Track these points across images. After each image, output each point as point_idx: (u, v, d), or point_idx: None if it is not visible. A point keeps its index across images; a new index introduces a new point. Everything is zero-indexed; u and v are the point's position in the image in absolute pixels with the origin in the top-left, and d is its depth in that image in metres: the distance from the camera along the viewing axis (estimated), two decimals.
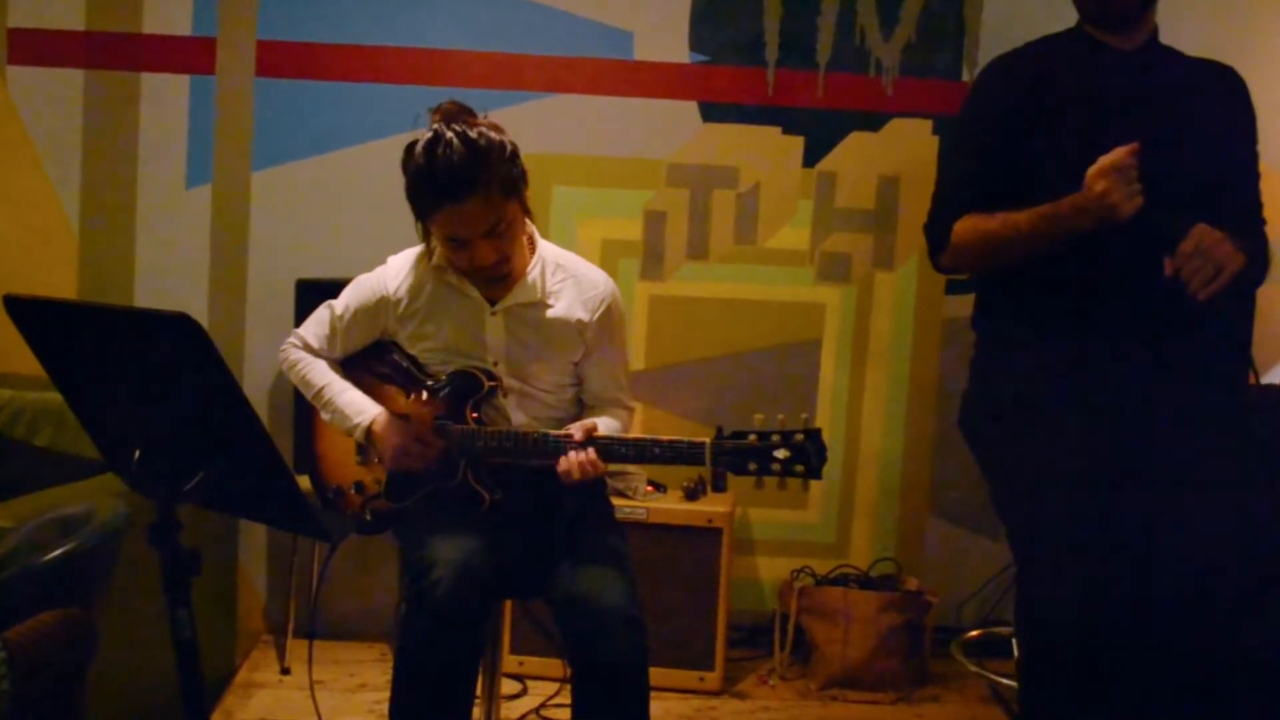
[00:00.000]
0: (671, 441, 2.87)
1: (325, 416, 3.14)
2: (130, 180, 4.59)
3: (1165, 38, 3.14)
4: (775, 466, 2.79)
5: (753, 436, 2.81)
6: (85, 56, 4.54)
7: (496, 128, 2.91)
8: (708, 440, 2.83)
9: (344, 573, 4.66)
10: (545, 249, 3.12)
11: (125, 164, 4.59)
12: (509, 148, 2.89)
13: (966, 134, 3.22)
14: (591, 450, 2.88)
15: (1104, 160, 2.76)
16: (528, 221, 3.10)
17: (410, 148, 2.86)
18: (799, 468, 2.78)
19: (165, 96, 4.57)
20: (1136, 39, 3.07)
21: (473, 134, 2.82)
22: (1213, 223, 2.79)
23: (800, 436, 2.78)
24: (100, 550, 2.67)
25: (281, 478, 2.17)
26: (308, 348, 3.18)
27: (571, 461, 2.87)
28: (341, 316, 3.14)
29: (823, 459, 2.78)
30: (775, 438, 2.79)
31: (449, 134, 2.81)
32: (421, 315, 3.08)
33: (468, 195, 2.80)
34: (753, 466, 2.80)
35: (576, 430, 2.90)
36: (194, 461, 2.13)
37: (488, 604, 2.94)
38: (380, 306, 3.10)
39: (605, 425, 3.03)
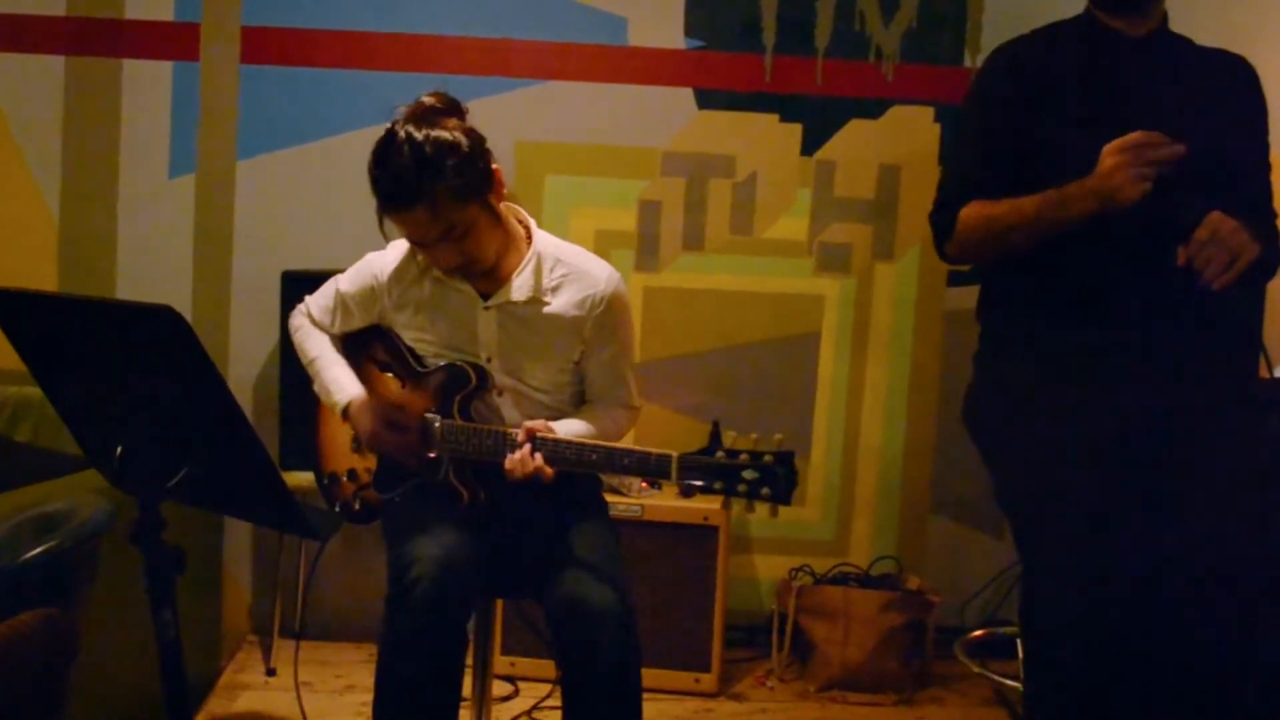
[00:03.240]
0: (640, 453, 2.84)
1: (315, 388, 3.18)
2: (112, 169, 4.59)
3: (1176, 25, 3.14)
4: (741, 488, 2.73)
5: (720, 454, 2.75)
6: (66, 42, 4.53)
7: (461, 127, 2.87)
8: (674, 454, 2.79)
9: (331, 572, 4.65)
10: (543, 243, 3.10)
11: (107, 153, 4.58)
12: (464, 151, 2.83)
13: (973, 120, 3.22)
14: (539, 456, 2.85)
15: (1123, 138, 2.76)
16: (524, 214, 3.10)
17: (375, 144, 2.87)
18: (765, 490, 2.72)
19: (148, 84, 4.56)
20: (1146, 25, 3.07)
21: (420, 137, 2.79)
22: (1224, 212, 2.79)
23: (770, 459, 2.72)
24: (81, 549, 2.67)
25: (267, 474, 2.17)
26: (311, 319, 3.23)
27: (514, 459, 2.87)
28: (342, 296, 3.16)
29: (792, 484, 2.72)
30: (744, 457, 2.73)
31: (401, 136, 2.80)
32: (414, 306, 3.08)
33: (413, 204, 2.80)
34: (718, 485, 2.74)
35: (521, 431, 2.89)
36: (177, 458, 2.13)
37: (471, 602, 2.93)
38: (376, 291, 3.11)
39: (572, 427, 3.01)
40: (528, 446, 2.86)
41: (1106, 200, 2.78)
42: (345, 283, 3.16)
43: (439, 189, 2.79)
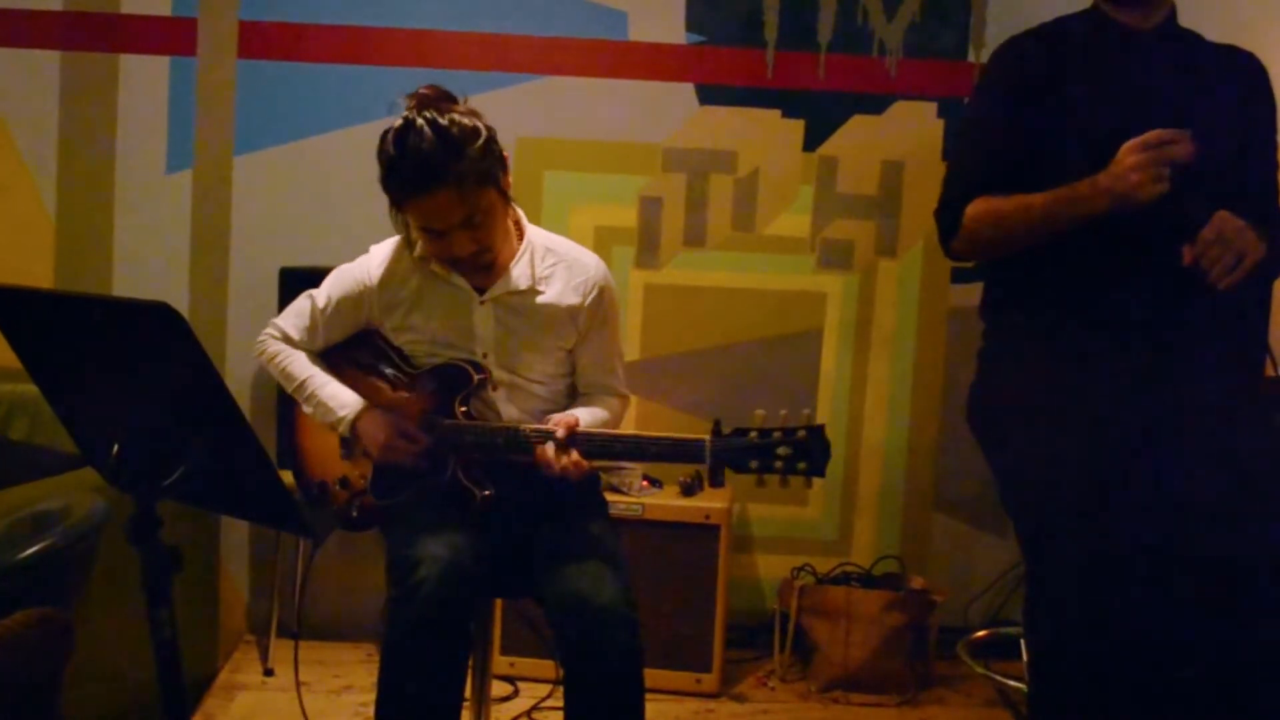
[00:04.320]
0: (672, 439, 2.87)
1: (307, 410, 3.13)
2: (108, 165, 4.59)
3: (1184, 20, 3.14)
4: (778, 464, 2.77)
5: (754, 434, 2.79)
6: (62, 38, 4.54)
7: (473, 114, 2.89)
8: (707, 438, 2.82)
9: (329, 570, 4.66)
10: (533, 234, 3.12)
11: (103, 149, 4.58)
12: (483, 134, 2.86)
13: (978, 116, 3.22)
14: (574, 453, 2.87)
15: (1143, 136, 2.76)
16: (514, 207, 3.09)
17: (384, 136, 2.86)
18: (802, 465, 2.77)
19: (144, 79, 4.57)
20: (1154, 19, 3.06)
21: (444, 121, 2.81)
22: (1231, 210, 2.79)
23: (803, 433, 2.76)
24: (77, 548, 2.67)
25: (265, 473, 2.17)
26: (287, 339, 3.17)
27: (551, 458, 2.87)
28: (324, 309, 3.13)
29: (826, 456, 2.77)
30: (777, 434, 2.78)
31: (420, 122, 2.81)
32: (406, 306, 3.08)
33: (438, 186, 2.80)
34: (754, 464, 2.78)
35: (560, 428, 2.89)
36: (174, 456, 2.12)
37: (475, 603, 2.94)
38: (363, 297, 3.10)
39: (589, 417, 3.03)
40: (551, 444, 2.87)
41: (1123, 199, 2.79)
42: (323, 296, 3.14)
43: (466, 170, 2.80)
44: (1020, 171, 3.00)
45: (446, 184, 2.80)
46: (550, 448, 2.87)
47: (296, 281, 3.69)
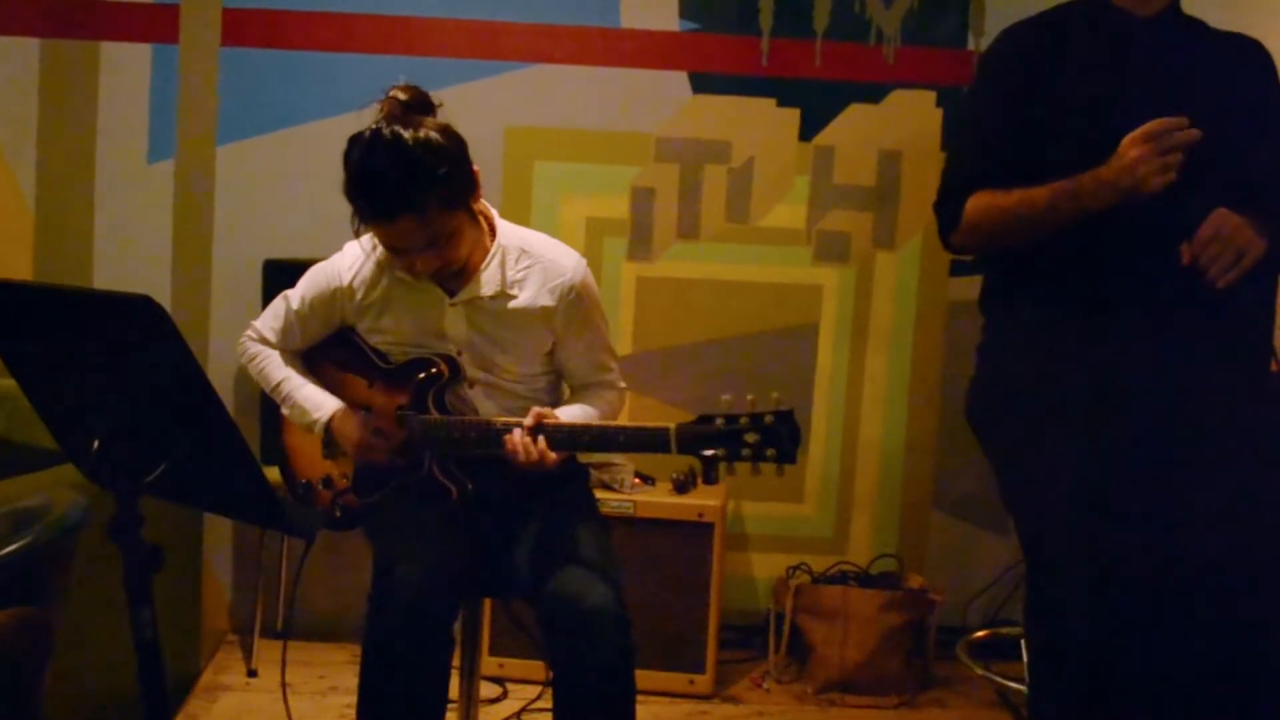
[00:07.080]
0: (636, 428, 2.86)
1: (285, 411, 3.15)
2: (89, 155, 4.58)
3: (1188, 7, 3.14)
4: (745, 451, 2.74)
5: (719, 420, 2.76)
6: (42, 24, 4.53)
7: (445, 128, 2.84)
8: (672, 426, 2.80)
9: (313, 570, 4.65)
10: (506, 234, 3.07)
11: (83, 138, 4.58)
12: (453, 156, 2.81)
13: (978, 107, 3.22)
14: (542, 441, 2.86)
15: (1143, 128, 2.77)
16: (485, 205, 3.07)
17: (350, 145, 2.81)
18: (770, 452, 2.73)
19: (126, 66, 4.56)
20: (1156, 5, 3.06)
21: (408, 139, 2.75)
22: (1234, 204, 2.80)
23: (770, 419, 2.74)
24: (57, 546, 2.67)
25: (248, 470, 2.17)
26: (264, 341, 3.19)
27: (516, 442, 2.86)
28: (298, 310, 3.13)
29: (796, 441, 2.74)
30: (743, 420, 2.75)
31: (387, 136, 2.76)
32: (377, 309, 3.07)
33: (400, 214, 2.77)
34: (720, 452, 2.75)
35: (529, 417, 2.88)
36: (156, 452, 2.13)
37: (457, 604, 2.94)
38: (335, 298, 3.09)
39: (569, 413, 3.02)
40: (519, 430, 2.86)
41: (1130, 192, 2.79)
42: (297, 297, 3.14)
43: (429, 198, 2.76)
44: (1020, 162, 3.00)
45: (409, 212, 2.76)
46: (517, 437, 2.86)
47: (281, 274, 3.69)
